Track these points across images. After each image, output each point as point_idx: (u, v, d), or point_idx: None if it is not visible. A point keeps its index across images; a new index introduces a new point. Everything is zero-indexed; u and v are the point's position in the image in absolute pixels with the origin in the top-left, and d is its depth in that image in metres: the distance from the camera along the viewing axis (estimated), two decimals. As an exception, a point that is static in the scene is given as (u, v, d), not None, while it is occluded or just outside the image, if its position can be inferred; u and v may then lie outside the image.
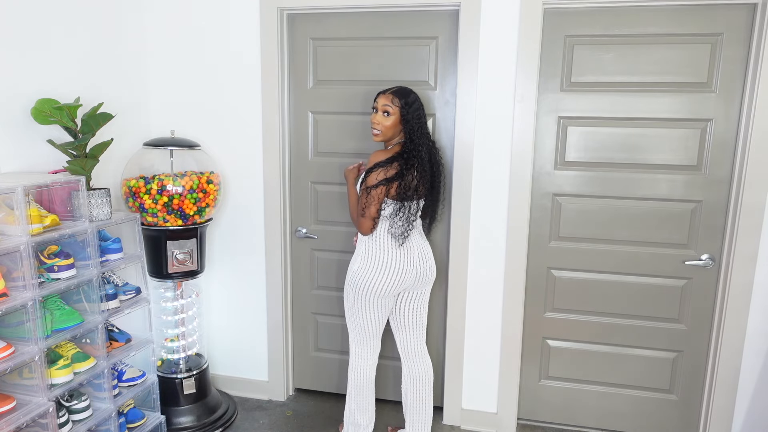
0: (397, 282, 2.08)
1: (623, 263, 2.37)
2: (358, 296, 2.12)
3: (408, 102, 2.02)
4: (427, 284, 2.20)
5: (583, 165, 2.34)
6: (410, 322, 2.24)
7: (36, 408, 1.72)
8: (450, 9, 2.34)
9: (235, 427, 2.57)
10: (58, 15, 2.09)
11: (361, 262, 2.10)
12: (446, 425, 2.60)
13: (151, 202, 2.24)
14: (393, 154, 2.01)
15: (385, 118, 2.02)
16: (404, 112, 2.01)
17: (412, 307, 2.22)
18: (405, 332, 2.26)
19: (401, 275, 2.07)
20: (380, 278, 2.06)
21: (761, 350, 2.25)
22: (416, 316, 2.24)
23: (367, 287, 2.08)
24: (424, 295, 2.23)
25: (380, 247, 2.07)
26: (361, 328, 2.18)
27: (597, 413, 2.53)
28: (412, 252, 2.09)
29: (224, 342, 2.84)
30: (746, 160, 2.13)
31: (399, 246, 2.05)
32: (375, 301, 2.10)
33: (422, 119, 2.05)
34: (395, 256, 2.06)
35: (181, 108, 2.63)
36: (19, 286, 1.70)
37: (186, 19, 2.54)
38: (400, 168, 1.98)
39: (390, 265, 2.06)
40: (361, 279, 2.08)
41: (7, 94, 1.90)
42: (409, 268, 2.09)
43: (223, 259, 2.74)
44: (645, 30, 2.18)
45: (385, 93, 2.05)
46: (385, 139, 2.07)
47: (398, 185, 1.98)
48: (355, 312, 2.16)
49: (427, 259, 2.16)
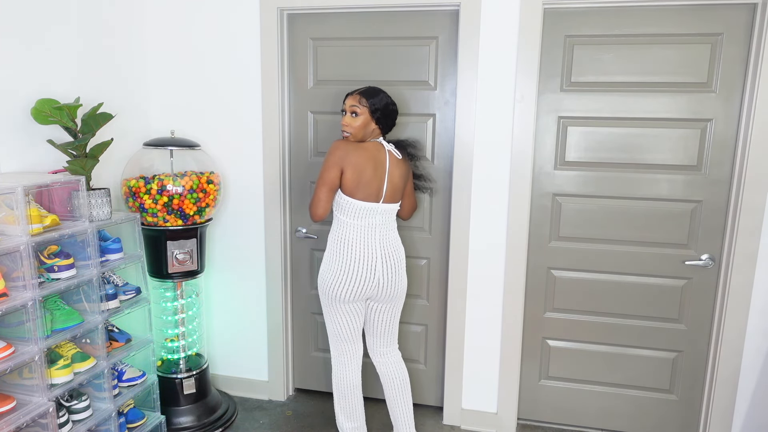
0: (358, 290, 2.04)
1: (623, 263, 2.37)
2: (324, 299, 2.10)
3: (375, 101, 2.02)
4: (395, 299, 2.15)
5: (583, 165, 2.34)
6: (379, 330, 2.21)
7: (36, 408, 1.71)
8: (450, 9, 2.33)
9: (235, 427, 2.57)
10: (59, 15, 2.09)
11: (325, 264, 2.09)
12: (446, 425, 2.60)
13: (151, 202, 2.24)
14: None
15: (354, 119, 2.03)
16: (373, 111, 2.02)
17: (381, 318, 2.18)
18: (374, 337, 2.24)
19: (361, 283, 2.04)
20: (340, 283, 2.03)
21: (761, 350, 2.25)
22: (386, 325, 2.20)
23: (330, 291, 2.06)
24: (394, 309, 2.19)
25: (341, 249, 2.04)
26: (334, 331, 2.16)
27: (597, 413, 2.53)
28: (374, 260, 2.04)
29: (224, 342, 2.84)
30: (746, 160, 2.13)
31: (363, 250, 2.02)
32: (341, 305, 2.08)
33: (392, 116, 2.07)
34: (356, 262, 2.02)
35: (181, 108, 2.63)
36: (19, 286, 1.69)
37: (186, 19, 2.54)
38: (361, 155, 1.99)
39: (349, 270, 2.02)
40: (325, 282, 2.07)
41: (7, 94, 1.90)
42: (369, 277, 2.04)
43: (223, 259, 2.74)
44: (645, 30, 2.18)
45: (353, 94, 2.06)
46: (356, 140, 2.06)
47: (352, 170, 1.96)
48: (327, 314, 2.14)
49: (393, 270, 2.09)
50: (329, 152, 2.01)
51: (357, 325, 2.15)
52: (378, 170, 2.03)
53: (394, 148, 2.10)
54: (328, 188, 1.99)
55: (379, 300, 2.13)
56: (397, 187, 2.09)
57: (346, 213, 2.03)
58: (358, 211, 2.02)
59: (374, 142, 2.08)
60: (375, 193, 2.03)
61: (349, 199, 2.01)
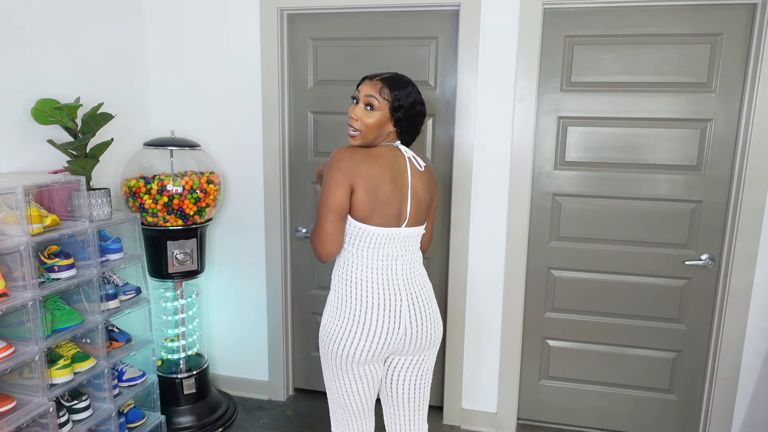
0: (377, 346, 1.50)
1: (623, 263, 2.37)
2: (329, 360, 1.54)
3: (401, 95, 1.50)
4: (427, 349, 1.59)
5: (583, 165, 2.34)
6: (404, 398, 1.63)
7: (36, 408, 1.71)
8: (450, 9, 2.34)
9: (236, 427, 2.57)
10: (59, 15, 2.09)
11: (331, 313, 1.55)
12: (446, 425, 2.60)
13: (151, 202, 2.24)
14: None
15: (368, 113, 1.49)
16: (395, 107, 1.49)
17: (407, 379, 1.60)
18: (396, 409, 1.66)
19: (382, 336, 1.49)
20: (353, 339, 1.49)
21: (761, 350, 2.25)
22: (415, 389, 1.63)
23: (339, 350, 1.51)
24: (426, 362, 1.62)
25: (352, 292, 1.50)
26: (340, 402, 1.59)
27: (597, 413, 2.53)
28: (397, 303, 1.50)
29: (224, 342, 2.84)
30: (746, 160, 2.13)
31: (382, 291, 1.49)
32: (353, 368, 1.52)
33: (416, 120, 1.56)
34: (374, 308, 1.48)
35: (181, 108, 2.63)
36: (20, 286, 1.70)
37: (186, 19, 2.54)
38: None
39: (365, 320, 1.48)
40: (330, 337, 1.52)
41: (8, 94, 1.90)
42: (393, 327, 1.50)
43: (223, 259, 2.74)
44: (645, 30, 2.18)
45: (372, 79, 1.52)
46: (365, 142, 1.52)
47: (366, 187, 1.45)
48: (331, 380, 1.58)
49: (423, 315, 1.55)
50: (331, 165, 1.46)
51: (371, 394, 1.60)
52: (397, 184, 1.50)
53: (414, 156, 1.58)
54: (336, 215, 1.46)
55: (404, 353, 1.58)
56: (423, 204, 1.57)
57: (358, 244, 1.51)
58: (375, 241, 1.50)
59: (388, 146, 1.56)
60: (396, 214, 1.51)
61: (363, 225, 1.49)
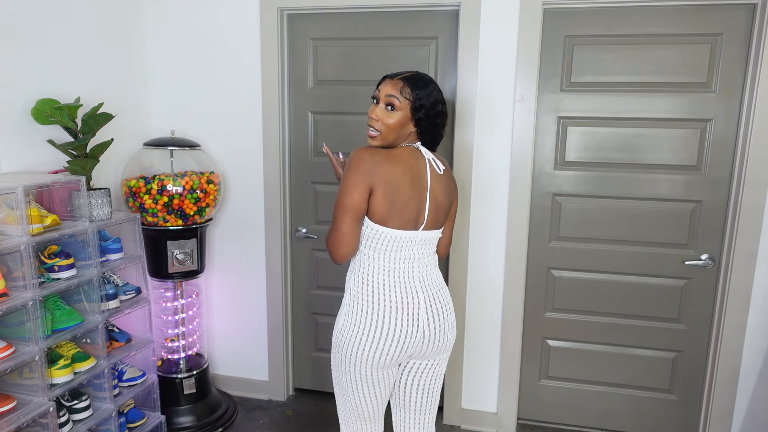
0: (397, 349, 1.51)
1: (623, 263, 2.37)
2: (345, 365, 1.55)
3: (422, 95, 1.47)
4: (442, 352, 1.62)
5: (583, 165, 2.34)
6: (415, 401, 1.67)
7: (36, 408, 1.72)
8: (450, 9, 2.34)
9: (236, 427, 2.57)
10: (59, 15, 2.09)
11: (347, 318, 1.55)
12: (446, 425, 2.60)
13: (151, 202, 2.24)
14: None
15: (388, 113, 1.47)
16: (416, 107, 1.47)
17: (421, 382, 1.64)
18: (407, 412, 1.69)
19: (401, 339, 1.51)
20: (372, 343, 1.50)
21: (761, 349, 2.25)
22: (426, 392, 1.66)
23: (358, 354, 1.51)
24: (439, 365, 1.65)
25: (370, 295, 1.51)
26: (353, 407, 1.60)
27: (597, 413, 2.53)
28: (415, 306, 1.52)
29: (224, 342, 2.84)
30: (746, 160, 2.13)
31: (400, 294, 1.51)
32: (370, 372, 1.53)
33: (437, 121, 1.53)
34: (392, 311, 1.50)
35: (181, 108, 2.63)
36: (20, 286, 1.70)
37: (186, 19, 2.54)
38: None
39: (384, 324, 1.49)
40: (347, 342, 1.52)
41: (8, 94, 1.90)
42: (411, 330, 1.51)
43: (223, 259, 2.75)
44: (645, 30, 2.18)
45: (393, 78, 1.50)
46: (384, 143, 1.51)
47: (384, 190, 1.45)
48: (345, 384, 1.58)
49: (441, 317, 1.57)
50: (350, 166, 1.45)
51: (385, 398, 1.62)
52: (416, 186, 1.50)
53: (434, 158, 1.56)
54: (352, 216, 1.45)
55: (421, 356, 1.59)
56: (441, 207, 1.57)
57: (375, 246, 1.50)
58: (392, 243, 1.50)
59: (408, 147, 1.54)
60: (414, 217, 1.51)
61: (380, 228, 1.48)
